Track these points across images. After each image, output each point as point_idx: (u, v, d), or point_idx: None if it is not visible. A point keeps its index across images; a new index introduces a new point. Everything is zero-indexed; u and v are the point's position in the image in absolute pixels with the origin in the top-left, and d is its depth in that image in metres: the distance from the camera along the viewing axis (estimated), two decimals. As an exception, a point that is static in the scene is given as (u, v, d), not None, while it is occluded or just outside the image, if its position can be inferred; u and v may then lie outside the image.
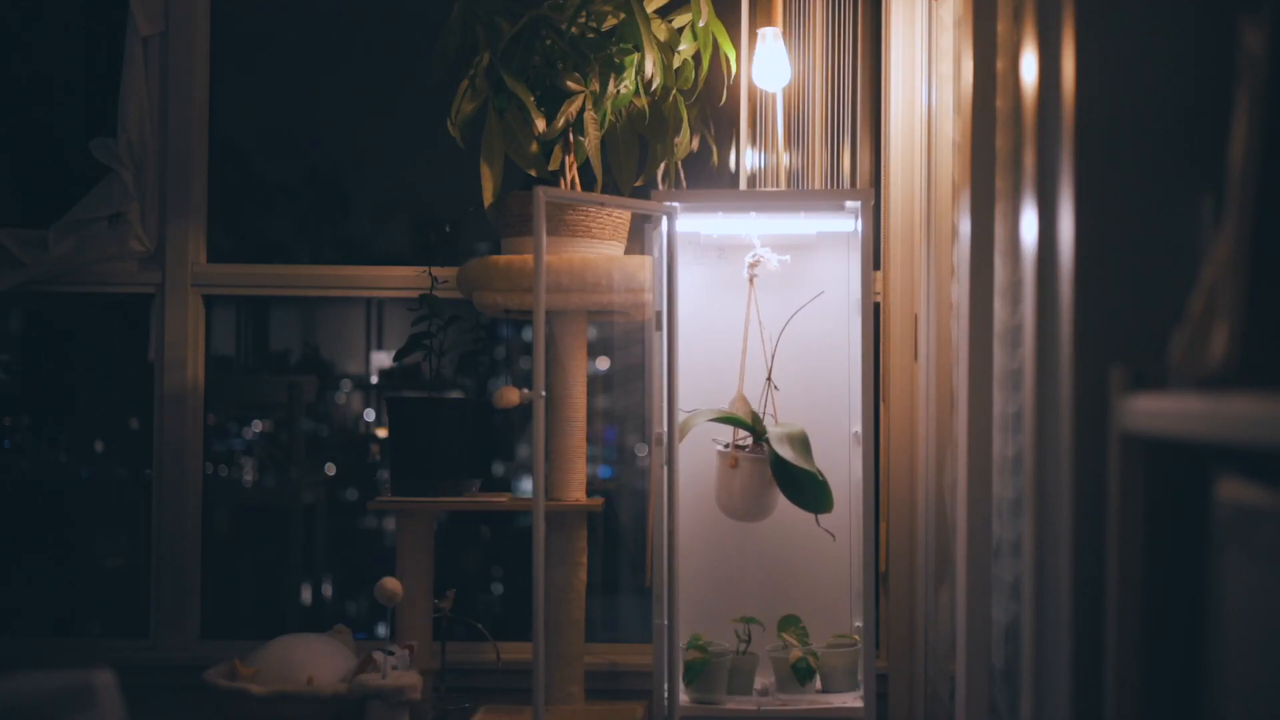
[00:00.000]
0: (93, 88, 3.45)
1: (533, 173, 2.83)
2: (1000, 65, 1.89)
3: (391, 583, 2.69)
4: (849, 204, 2.70)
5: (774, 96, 3.05)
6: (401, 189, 3.57)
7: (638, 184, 2.96)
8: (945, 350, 2.61)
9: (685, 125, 2.94)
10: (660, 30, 2.87)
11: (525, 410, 3.45)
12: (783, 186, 3.03)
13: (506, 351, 3.62)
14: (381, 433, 3.67)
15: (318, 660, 2.68)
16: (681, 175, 3.01)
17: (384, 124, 3.54)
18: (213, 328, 3.34)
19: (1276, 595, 0.90)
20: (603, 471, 3.54)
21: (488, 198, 2.83)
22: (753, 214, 2.75)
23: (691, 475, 2.81)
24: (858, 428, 2.72)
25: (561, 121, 2.76)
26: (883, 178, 3.06)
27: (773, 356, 2.79)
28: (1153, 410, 1.10)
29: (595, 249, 2.86)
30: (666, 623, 2.60)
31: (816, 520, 2.74)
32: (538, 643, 2.36)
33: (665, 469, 2.61)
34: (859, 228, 2.65)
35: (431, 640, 2.91)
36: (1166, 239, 1.31)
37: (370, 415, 3.84)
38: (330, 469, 3.60)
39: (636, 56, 2.81)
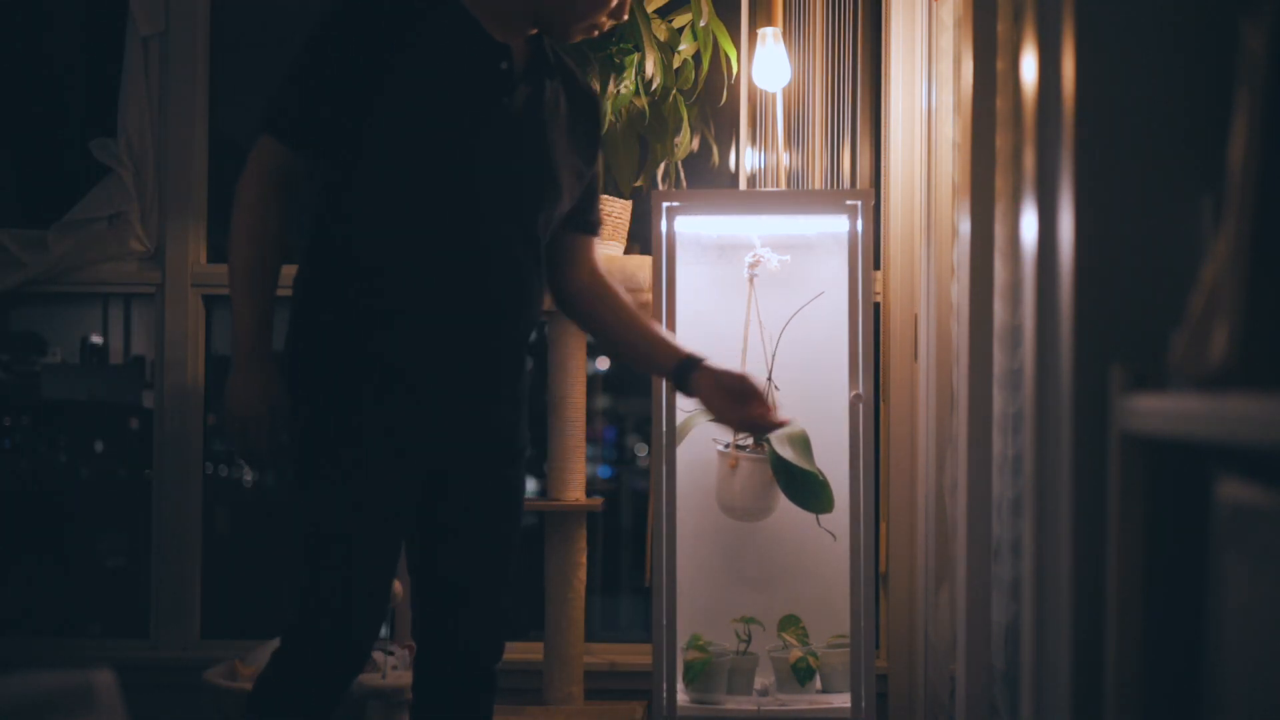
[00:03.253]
0: (93, 88, 3.45)
1: (533, 173, 2.83)
2: (1000, 65, 1.89)
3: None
4: (849, 204, 2.70)
5: (774, 96, 3.05)
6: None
7: (638, 184, 2.96)
8: (945, 350, 2.61)
9: (685, 125, 2.94)
10: (660, 30, 2.87)
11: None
12: (783, 186, 3.03)
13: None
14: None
15: (318, 660, 2.67)
16: (681, 175, 3.01)
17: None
18: (213, 328, 3.34)
19: (1276, 595, 0.90)
20: (603, 471, 3.55)
21: (488, 198, 2.82)
22: (753, 214, 2.75)
23: (692, 475, 2.81)
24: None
25: (561, 121, 2.76)
26: (883, 178, 3.06)
27: (773, 356, 2.79)
28: (1153, 410, 1.10)
29: (595, 249, 2.86)
30: (666, 623, 2.60)
31: (817, 520, 2.74)
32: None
33: (664, 469, 2.61)
34: (859, 228, 2.65)
35: (431, 640, 2.90)
36: (1166, 239, 1.31)
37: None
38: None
39: (636, 56, 2.80)
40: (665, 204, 2.64)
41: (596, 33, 2.12)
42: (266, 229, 1.97)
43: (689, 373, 2.13)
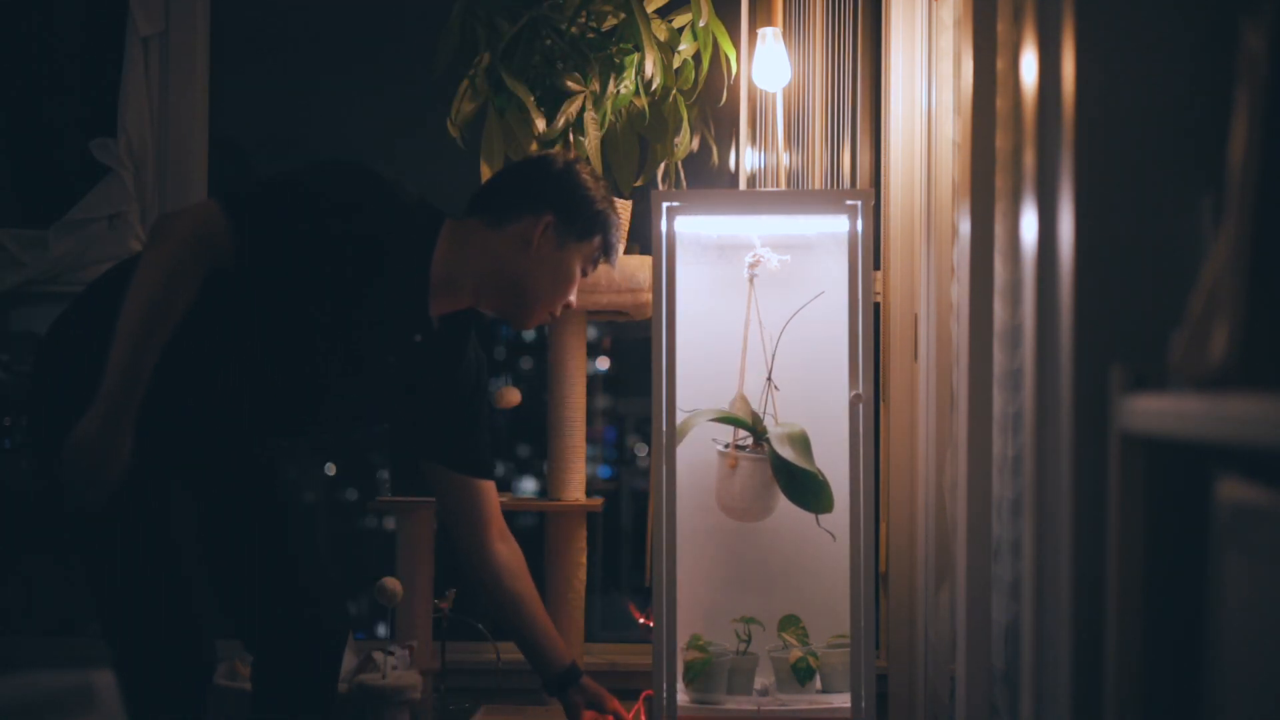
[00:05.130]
0: (93, 88, 3.45)
1: (533, 173, 2.83)
2: (1000, 65, 1.89)
3: (391, 583, 2.69)
4: (849, 204, 2.69)
5: (774, 96, 3.05)
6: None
7: (638, 184, 2.96)
8: (945, 350, 2.61)
9: (685, 125, 2.94)
10: (660, 30, 2.87)
11: (524, 410, 3.44)
12: (783, 186, 3.03)
13: (506, 351, 3.63)
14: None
15: (318, 660, 2.67)
16: (681, 175, 3.01)
17: (384, 123, 3.54)
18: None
19: (1276, 595, 0.90)
20: (603, 471, 3.55)
21: (488, 198, 2.82)
22: (753, 214, 2.75)
23: (691, 475, 2.81)
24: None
25: (561, 121, 2.76)
26: (883, 178, 3.06)
27: (773, 356, 2.78)
28: (1153, 410, 1.10)
29: (595, 249, 2.85)
30: (666, 623, 2.60)
31: (817, 520, 2.74)
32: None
33: (664, 469, 2.60)
34: (859, 228, 2.65)
35: (431, 640, 2.91)
36: (1166, 239, 1.31)
37: (370, 415, 3.84)
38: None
39: (636, 56, 2.81)
40: (665, 204, 2.64)
41: (550, 319, 2.24)
42: (183, 283, 1.92)
43: (568, 683, 2.36)
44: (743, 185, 3.09)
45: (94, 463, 1.88)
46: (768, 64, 2.98)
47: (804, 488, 2.65)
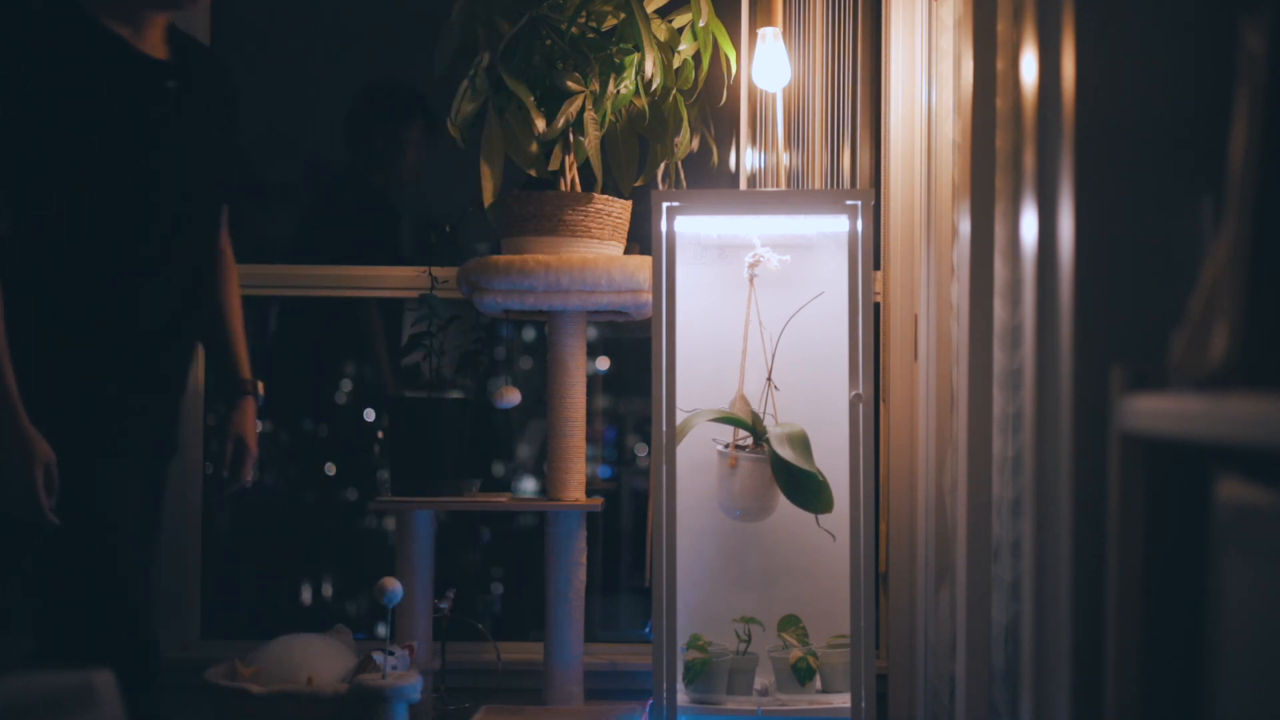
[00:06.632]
0: (93, 88, 3.45)
1: (533, 173, 2.83)
2: (1000, 65, 1.89)
3: (391, 583, 2.69)
4: (849, 204, 2.70)
5: (774, 96, 3.05)
6: (401, 188, 3.56)
7: (638, 184, 2.96)
8: (945, 350, 2.61)
9: (685, 125, 2.94)
10: (660, 30, 2.87)
11: (525, 410, 3.45)
12: (783, 186, 3.03)
13: (506, 352, 3.63)
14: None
15: (318, 660, 2.68)
16: (681, 175, 3.01)
17: (384, 124, 3.54)
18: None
19: (1276, 595, 0.90)
20: (603, 471, 3.55)
21: (488, 198, 2.83)
22: (753, 214, 2.75)
23: (691, 475, 2.81)
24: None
25: (561, 121, 2.76)
26: (883, 178, 3.06)
27: (773, 356, 2.79)
28: (1153, 410, 1.10)
29: (595, 249, 2.85)
30: (666, 623, 2.60)
31: (817, 520, 2.74)
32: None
33: (664, 469, 2.60)
34: (859, 228, 2.65)
35: (431, 640, 2.91)
36: (1166, 239, 1.31)
37: (370, 415, 3.85)
38: (330, 469, 3.60)
39: (636, 56, 2.81)
40: (665, 204, 2.64)
41: None
42: None
43: (231, 396, 2.49)
44: (743, 185, 3.09)
45: (18, 480, 1.98)
46: (768, 64, 2.98)
47: (804, 488, 2.65)
